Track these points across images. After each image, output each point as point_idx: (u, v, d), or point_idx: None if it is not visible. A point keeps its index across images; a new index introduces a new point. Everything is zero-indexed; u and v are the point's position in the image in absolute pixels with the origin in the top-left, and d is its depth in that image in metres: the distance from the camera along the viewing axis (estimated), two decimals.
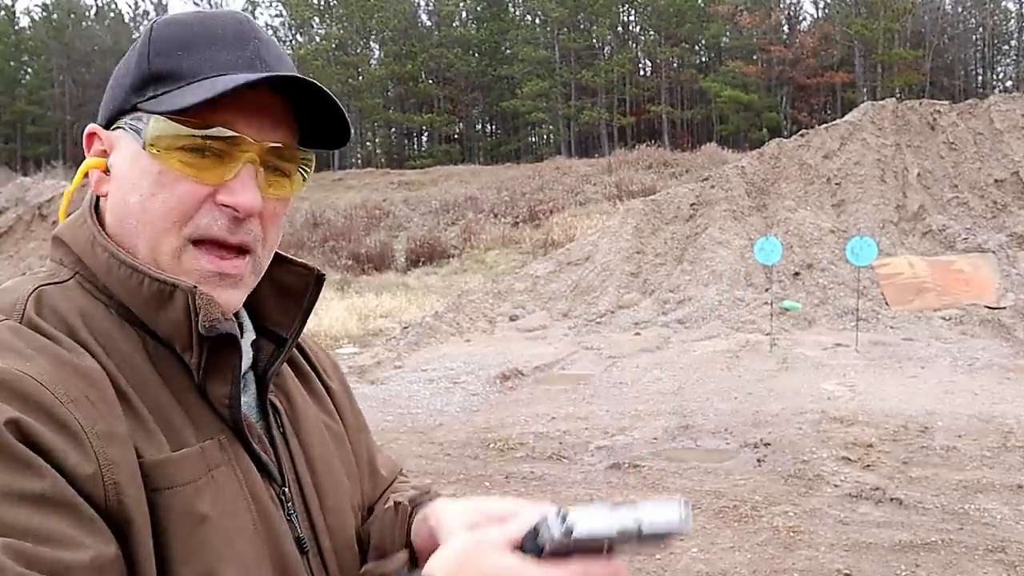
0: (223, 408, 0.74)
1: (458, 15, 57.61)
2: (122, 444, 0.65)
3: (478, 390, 8.52)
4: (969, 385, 7.85)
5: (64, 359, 0.67)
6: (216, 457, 0.72)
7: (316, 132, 0.81)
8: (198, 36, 0.74)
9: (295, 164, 0.79)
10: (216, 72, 0.72)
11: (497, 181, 31.24)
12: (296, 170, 0.79)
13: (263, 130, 0.74)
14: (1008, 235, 12.84)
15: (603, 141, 47.91)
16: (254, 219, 0.75)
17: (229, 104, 0.71)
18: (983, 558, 4.08)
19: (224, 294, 0.75)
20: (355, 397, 1.05)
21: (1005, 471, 5.34)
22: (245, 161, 0.73)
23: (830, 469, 5.45)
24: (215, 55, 0.73)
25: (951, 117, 14.97)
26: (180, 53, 0.73)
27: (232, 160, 0.73)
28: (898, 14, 44.49)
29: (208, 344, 0.72)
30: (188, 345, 0.72)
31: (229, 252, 0.75)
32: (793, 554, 4.20)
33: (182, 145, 0.72)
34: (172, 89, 0.72)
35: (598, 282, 13.48)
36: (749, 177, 14.72)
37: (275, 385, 0.85)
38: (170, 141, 0.72)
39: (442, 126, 53.35)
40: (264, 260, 0.79)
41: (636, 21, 56.17)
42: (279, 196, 0.78)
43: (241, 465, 0.75)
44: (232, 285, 0.75)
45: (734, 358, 9.56)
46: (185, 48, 0.74)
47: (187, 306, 0.71)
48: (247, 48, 0.75)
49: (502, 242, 23.56)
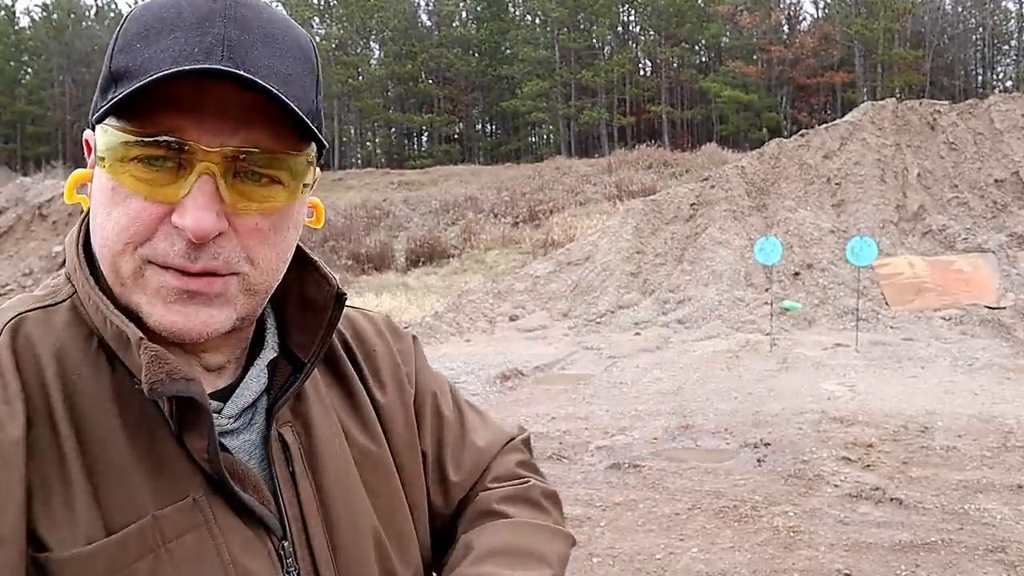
0: (203, 462, 0.65)
1: (458, 15, 57.62)
2: (8, 547, 0.58)
3: (478, 390, 8.52)
4: (969, 385, 7.85)
5: None
6: (179, 524, 0.64)
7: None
8: (162, 23, 0.63)
9: (284, 168, 0.65)
10: (166, 66, 0.60)
11: (497, 181, 31.25)
12: (290, 174, 0.66)
13: (223, 133, 0.62)
14: (1008, 235, 12.84)
15: (603, 141, 47.91)
16: (223, 240, 0.64)
17: (180, 104, 0.61)
18: (983, 558, 4.08)
19: (199, 315, 0.64)
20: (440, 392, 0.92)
21: (1005, 471, 5.34)
22: (199, 173, 0.62)
23: (830, 469, 5.45)
24: (171, 44, 0.61)
25: (951, 117, 14.98)
26: (138, 46, 0.62)
27: (185, 173, 0.62)
28: (898, 14, 44.49)
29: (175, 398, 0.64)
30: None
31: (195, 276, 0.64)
32: (793, 554, 4.20)
33: (134, 156, 0.62)
34: (121, 91, 0.62)
35: (598, 282, 13.48)
36: (749, 177, 14.72)
37: (292, 412, 0.75)
38: (118, 151, 0.62)
39: (442, 126, 53.35)
40: (260, 279, 0.68)
41: (636, 21, 56.18)
42: (263, 209, 0.65)
43: (221, 524, 0.66)
44: (208, 304, 0.65)
45: (734, 358, 9.57)
46: (143, 39, 0.62)
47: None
48: (210, 32, 0.62)
49: (502, 242, 23.56)
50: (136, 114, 0.61)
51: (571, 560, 0.87)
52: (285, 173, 0.66)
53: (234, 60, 0.61)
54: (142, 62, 0.61)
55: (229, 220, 0.64)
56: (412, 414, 0.87)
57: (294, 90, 0.64)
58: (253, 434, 0.73)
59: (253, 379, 0.74)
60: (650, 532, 4.56)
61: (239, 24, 0.63)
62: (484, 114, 58.84)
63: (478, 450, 0.91)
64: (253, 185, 0.64)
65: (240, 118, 0.63)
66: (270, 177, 0.65)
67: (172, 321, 0.64)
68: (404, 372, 0.89)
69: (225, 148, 0.62)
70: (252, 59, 0.62)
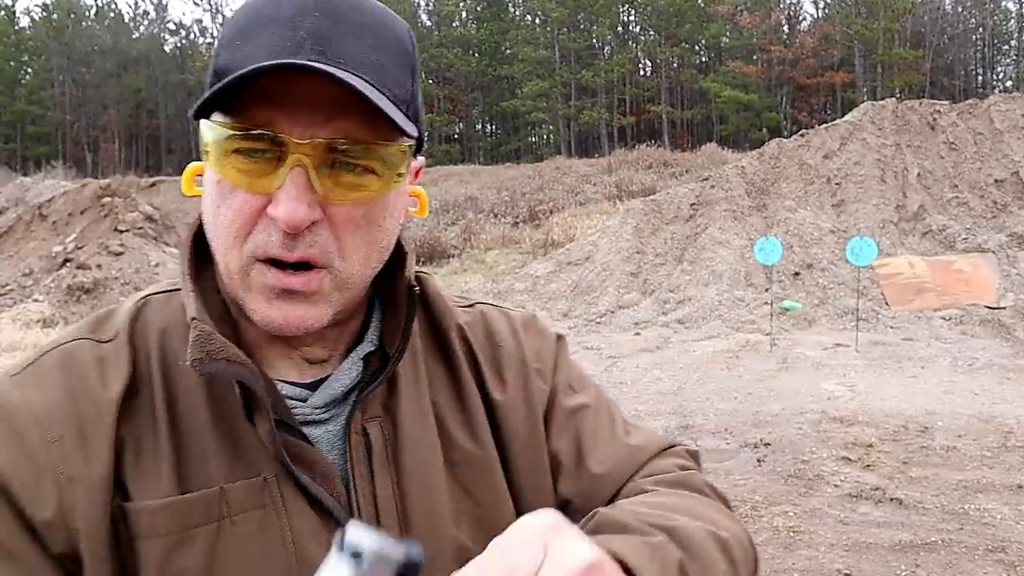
0: (269, 444, 0.68)
1: (458, 15, 57.64)
2: (93, 488, 0.64)
3: None
4: (969, 385, 7.85)
5: (79, 392, 0.67)
6: (247, 500, 0.67)
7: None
8: (259, 19, 0.65)
9: (376, 158, 0.66)
10: (260, 61, 0.62)
11: (497, 181, 31.26)
12: (383, 164, 0.67)
13: (314, 125, 0.64)
14: (1008, 235, 12.84)
15: (603, 141, 47.92)
16: (319, 229, 0.66)
17: (273, 98, 0.63)
18: (983, 558, 4.08)
19: (297, 311, 0.67)
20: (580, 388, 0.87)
21: (1005, 471, 5.34)
22: (292, 164, 0.64)
23: (830, 469, 5.45)
24: (266, 39, 0.64)
25: (951, 117, 14.98)
26: (238, 42, 0.65)
27: (279, 165, 0.64)
28: (898, 14, 44.51)
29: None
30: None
31: (293, 268, 0.67)
32: (793, 554, 4.20)
33: (235, 148, 0.64)
34: (215, 87, 0.64)
35: (598, 282, 13.48)
36: (749, 177, 14.72)
37: (383, 407, 0.75)
38: (221, 145, 0.64)
39: (442, 126, 53.36)
40: (351, 271, 0.69)
41: (636, 21, 56.21)
42: (355, 199, 0.67)
43: (289, 507, 0.68)
44: (304, 301, 0.67)
45: (734, 358, 9.56)
46: (243, 35, 0.65)
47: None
48: (302, 26, 0.64)
49: (502, 242, 23.57)
50: (235, 109, 0.64)
51: None
52: (378, 163, 0.67)
53: (324, 53, 0.63)
54: (240, 58, 0.64)
55: (324, 210, 0.66)
56: (539, 411, 0.83)
57: (387, 80, 0.66)
58: (337, 426, 0.74)
59: (344, 371, 0.75)
60: None
61: (332, 16, 0.65)
62: (484, 114, 58.87)
63: (630, 448, 0.84)
64: (347, 175, 0.66)
65: (331, 110, 0.64)
66: (363, 167, 0.66)
67: (272, 318, 0.67)
68: (535, 368, 0.85)
69: (316, 139, 0.64)
70: (343, 50, 0.64)
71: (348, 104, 0.64)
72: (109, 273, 14.88)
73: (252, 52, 0.63)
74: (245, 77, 0.61)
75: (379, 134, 0.66)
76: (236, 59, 0.64)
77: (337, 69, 0.62)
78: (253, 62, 0.62)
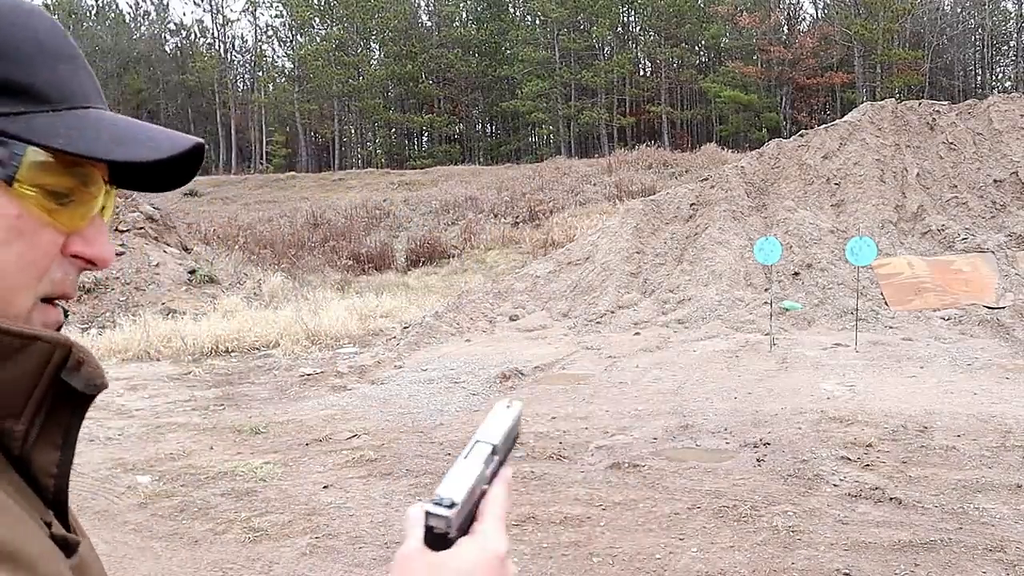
0: (48, 479, 0.61)
1: (458, 15, 57.64)
2: None
3: (478, 390, 8.53)
4: (968, 385, 7.86)
5: None
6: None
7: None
8: (38, 42, 0.61)
9: (112, 202, 0.68)
10: (82, 102, 0.62)
11: (497, 181, 31.25)
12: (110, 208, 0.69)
13: (104, 169, 0.65)
14: (1007, 235, 12.84)
15: (603, 141, 47.93)
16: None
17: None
18: (982, 558, 4.09)
19: None
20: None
21: (1004, 471, 5.35)
22: (100, 205, 0.64)
23: (830, 469, 5.46)
24: (71, 76, 0.62)
25: (950, 117, 14.98)
26: (29, 63, 0.60)
27: (85, 204, 0.63)
28: (897, 15, 44.52)
29: (48, 405, 0.60)
30: (18, 410, 0.59)
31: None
32: (792, 554, 4.21)
33: (48, 185, 0.60)
34: (40, 111, 0.59)
35: (598, 282, 13.49)
36: (749, 177, 14.73)
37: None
38: (41, 178, 0.59)
39: (442, 126, 53.37)
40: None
41: (636, 21, 56.21)
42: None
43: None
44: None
45: (734, 358, 9.57)
46: (34, 57, 0.60)
47: (41, 363, 0.59)
48: (89, 71, 0.65)
49: (502, 242, 23.57)
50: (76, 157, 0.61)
51: (571, 559, 0.83)
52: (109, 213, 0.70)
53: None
54: (48, 83, 0.60)
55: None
56: None
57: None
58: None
59: None
60: (650, 532, 4.57)
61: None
62: (484, 114, 58.87)
63: None
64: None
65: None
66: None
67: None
68: None
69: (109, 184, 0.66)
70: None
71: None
72: (109, 273, 14.89)
73: (63, 82, 0.61)
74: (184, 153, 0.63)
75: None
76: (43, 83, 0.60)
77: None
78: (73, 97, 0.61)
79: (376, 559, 4.35)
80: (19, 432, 0.59)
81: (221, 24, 59.40)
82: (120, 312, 13.83)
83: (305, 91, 52.77)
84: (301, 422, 7.43)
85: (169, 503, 5.31)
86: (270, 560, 4.36)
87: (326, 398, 8.54)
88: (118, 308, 14.13)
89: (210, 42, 59.47)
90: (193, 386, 9.44)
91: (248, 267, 18.85)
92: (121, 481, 5.78)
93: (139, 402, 8.57)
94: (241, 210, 31.23)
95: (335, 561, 4.34)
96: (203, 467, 6.06)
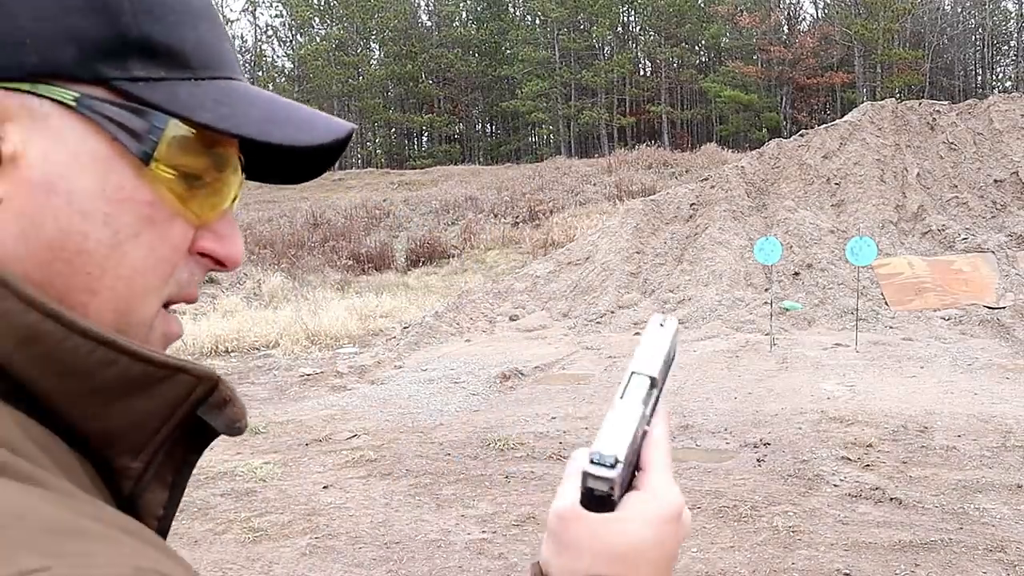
0: (153, 521, 0.52)
1: (458, 15, 57.66)
2: None
3: (478, 390, 8.52)
4: (968, 385, 7.85)
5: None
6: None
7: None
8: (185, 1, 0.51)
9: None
10: (226, 71, 0.53)
11: (497, 181, 31.26)
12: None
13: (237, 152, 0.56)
14: (1008, 235, 12.84)
15: (603, 141, 47.94)
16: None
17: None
18: (983, 558, 4.08)
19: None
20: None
21: (1004, 471, 5.34)
22: (233, 195, 0.55)
23: (830, 469, 5.46)
24: (215, 41, 0.53)
25: (950, 117, 14.98)
26: (173, 20, 0.50)
27: (218, 193, 0.53)
28: (898, 14, 44.53)
29: (171, 442, 0.51)
30: (139, 447, 0.50)
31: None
32: (793, 554, 4.20)
33: (185, 167, 0.50)
34: (183, 79, 0.50)
35: (598, 282, 13.49)
36: (749, 177, 14.73)
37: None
38: (179, 158, 0.50)
39: (442, 126, 53.37)
40: None
41: (636, 21, 56.22)
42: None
43: None
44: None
45: (734, 358, 9.57)
46: (178, 14, 0.50)
47: (181, 398, 0.50)
48: (227, 34, 0.55)
49: (502, 242, 23.57)
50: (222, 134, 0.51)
51: None
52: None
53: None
54: (193, 49, 0.51)
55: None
56: None
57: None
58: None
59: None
60: None
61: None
62: (484, 114, 58.87)
63: None
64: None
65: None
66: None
67: None
68: None
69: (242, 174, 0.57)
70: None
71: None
72: None
73: (210, 51, 0.52)
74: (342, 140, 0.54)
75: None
76: (190, 49, 0.50)
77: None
78: (219, 67, 0.52)
79: (376, 559, 4.35)
80: (134, 471, 0.51)
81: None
82: None
83: (305, 91, 52.78)
84: (301, 422, 7.42)
85: None
86: (270, 560, 4.36)
87: (326, 398, 8.53)
88: None
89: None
90: None
91: (248, 267, 18.86)
92: None
93: None
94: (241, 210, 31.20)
95: (335, 561, 4.34)
96: (203, 467, 6.06)
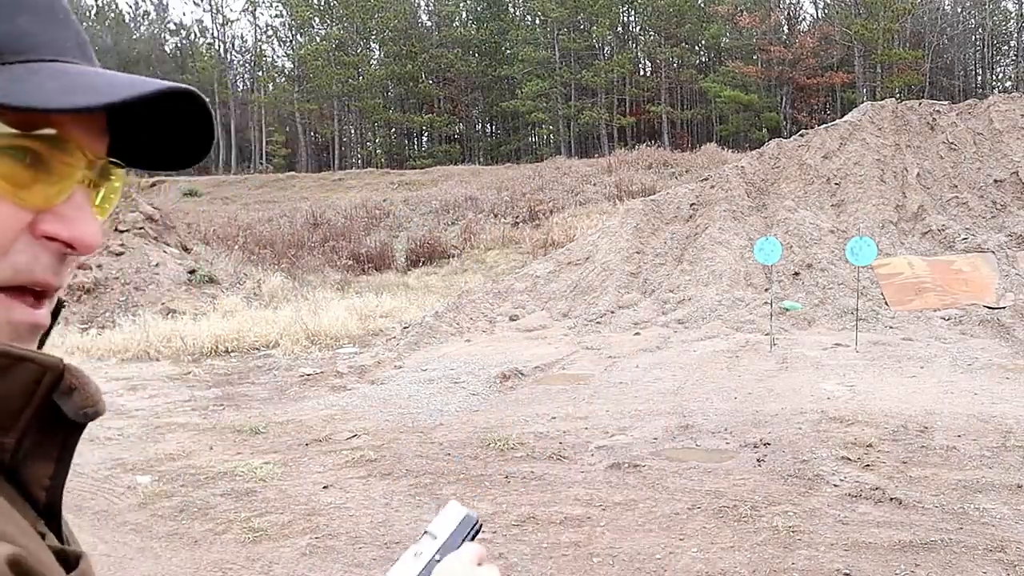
0: (40, 491, 0.56)
1: (458, 15, 57.65)
2: None
3: (478, 390, 8.52)
4: (968, 385, 7.85)
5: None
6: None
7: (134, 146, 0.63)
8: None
9: (113, 185, 0.60)
10: (46, 55, 0.53)
11: (497, 181, 31.26)
12: (111, 193, 0.61)
13: (93, 138, 0.57)
14: (1008, 235, 12.84)
15: (603, 141, 47.94)
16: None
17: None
18: (983, 558, 4.08)
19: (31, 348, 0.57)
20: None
21: (1004, 471, 5.34)
22: (79, 180, 0.55)
23: (830, 469, 5.46)
24: (37, 30, 0.54)
25: (951, 117, 14.98)
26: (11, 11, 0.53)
27: (62, 177, 0.54)
28: (898, 14, 44.53)
29: (40, 423, 0.54)
30: (8, 426, 0.53)
31: (39, 297, 0.55)
32: (793, 554, 4.20)
33: (8, 147, 0.51)
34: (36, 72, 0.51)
35: (598, 282, 13.49)
36: (749, 177, 14.73)
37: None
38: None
39: (442, 126, 53.37)
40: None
41: (636, 21, 56.21)
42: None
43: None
44: (36, 337, 0.57)
45: (734, 358, 9.57)
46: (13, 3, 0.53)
47: (30, 385, 0.53)
48: (70, 25, 0.57)
49: (502, 242, 23.57)
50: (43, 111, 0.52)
51: (571, 559, 0.86)
52: (112, 191, 0.62)
53: (91, 58, 0.59)
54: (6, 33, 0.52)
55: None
56: None
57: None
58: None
59: None
60: (650, 532, 4.56)
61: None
62: (484, 114, 58.87)
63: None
64: (99, 201, 0.60)
65: (102, 125, 0.58)
66: (110, 193, 0.61)
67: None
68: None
69: (100, 155, 0.58)
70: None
71: (104, 122, 0.58)
72: (109, 273, 14.89)
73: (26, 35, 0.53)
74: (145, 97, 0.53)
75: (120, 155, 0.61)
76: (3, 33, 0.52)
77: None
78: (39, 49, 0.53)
79: (376, 559, 4.35)
80: (8, 445, 0.54)
81: (221, 24, 59.42)
82: (120, 312, 13.83)
83: (305, 91, 52.79)
84: (301, 422, 7.42)
85: (169, 503, 5.30)
86: (270, 560, 4.36)
87: (326, 398, 8.53)
88: (118, 308, 14.13)
89: (210, 42, 59.49)
90: (193, 386, 9.44)
91: (248, 267, 18.85)
92: (121, 481, 5.78)
93: (139, 402, 8.57)
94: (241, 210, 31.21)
95: (335, 561, 4.34)
96: (203, 467, 6.06)
